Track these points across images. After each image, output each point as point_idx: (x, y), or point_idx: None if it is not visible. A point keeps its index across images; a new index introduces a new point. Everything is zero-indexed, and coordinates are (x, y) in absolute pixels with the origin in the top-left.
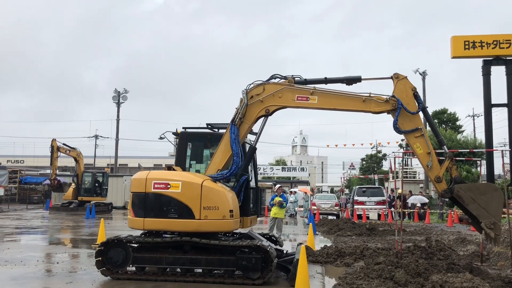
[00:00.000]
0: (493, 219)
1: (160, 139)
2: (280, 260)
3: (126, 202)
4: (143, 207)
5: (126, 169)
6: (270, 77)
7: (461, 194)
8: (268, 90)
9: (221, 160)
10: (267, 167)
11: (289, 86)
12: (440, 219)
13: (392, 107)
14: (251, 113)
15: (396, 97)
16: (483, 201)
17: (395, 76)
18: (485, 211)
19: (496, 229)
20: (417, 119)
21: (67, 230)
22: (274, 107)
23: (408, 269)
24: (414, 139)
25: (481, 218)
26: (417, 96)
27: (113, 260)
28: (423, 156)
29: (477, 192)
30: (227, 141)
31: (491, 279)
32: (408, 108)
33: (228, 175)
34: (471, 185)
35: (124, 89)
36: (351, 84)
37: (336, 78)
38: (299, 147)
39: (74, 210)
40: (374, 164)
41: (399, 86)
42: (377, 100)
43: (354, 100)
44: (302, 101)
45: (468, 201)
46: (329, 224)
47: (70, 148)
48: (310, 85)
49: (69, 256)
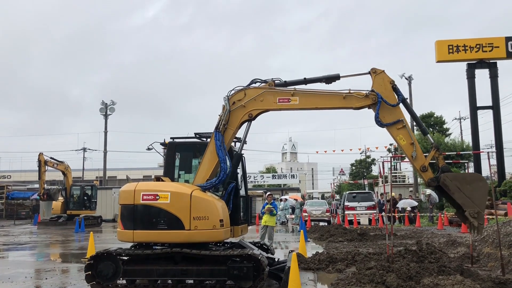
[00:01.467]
0: (477, 209)
1: (148, 149)
2: (272, 268)
3: (116, 214)
4: (132, 219)
5: (115, 181)
6: (251, 82)
7: (447, 182)
8: (250, 95)
9: (208, 169)
10: (257, 175)
11: (270, 89)
12: (430, 222)
13: (372, 102)
14: (234, 119)
15: (375, 91)
16: (469, 190)
17: (373, 71)
18: (470, 200)
19: (479, 218)
20: (398, 111)
21: (56, 245)
22: (256, 111)
23: (399, 273)
24: (396, 131)
25: (465, 207)
26: (396, 89)
27: (103, 273)
28: (407, 147)
29: (463, 181)
30: (213, 149)
31: (481, 281)
32: (388, 101)
33: (217, 182)
34: (457, 174)
35: (111, 100)
36: (330, 82)
37: (315, 78)
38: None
39: (63, 224)
40: (363, 169)
41: (377, 80)
42: (357, 96)
43: (335, 98)
44: (284, 103)
45: (454, 190)
46: (321, 231)
47: (58, 162)
48: (290, 87)
49: (59, 271)
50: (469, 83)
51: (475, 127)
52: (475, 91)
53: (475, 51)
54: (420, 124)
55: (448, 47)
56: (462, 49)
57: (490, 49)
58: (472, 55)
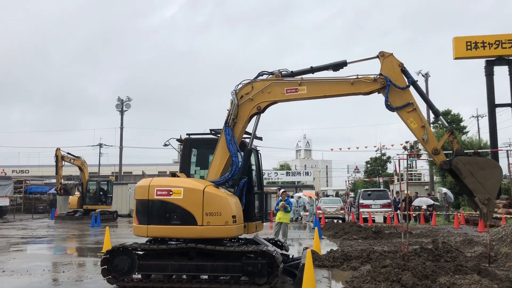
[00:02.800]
0: (488, 195)
1: (165, 146)
2: (286, 265)
3: (131, 210)
4: (146, 214)
5: (130, 177)
6: (258, 75)
7: (460, 166)
8: (257, 88)
9: (220, 164)
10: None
11: (277, 80)
12: (446, 220)
13: (381, 85)
14: (243, 113)
15: (383, 74)
16: (481, 176)
17: (381, 54)
18: (481, 186)
19: (489, 205)
20: (408, 94)
21: (72, 239)
22: (265, 103)
23: (415, 272)
24: (406, 114)
25: (476, 193)
26: (405, 72)
27: (118, 268)
28: (418, 130)
29: (476, 166)
30: (224, 144)
31: (499, 281)
32: (397, 84)
33: (230, 176)
34: (471, 158)
35: (127, 97)
36: (338, 69)
37: (322, 66)
38: (303, 151)
39: (79, 219)
40: (378, 167)
41: (386, 64)
42: (365, 80)
43: (343, 84)
44: (291, 93)
45: (466, 174)
46: (335, 228)
47: (75, 157)
48: (297, 77)
49: (75, 265)
50: (487, 80)
51: (493, 124)
52: (493, 88)
53: (494, 48)
54: (432, 106)
55: (466, 43)
56: (481, 45)
57: (510, 45)
58: (491, 51)
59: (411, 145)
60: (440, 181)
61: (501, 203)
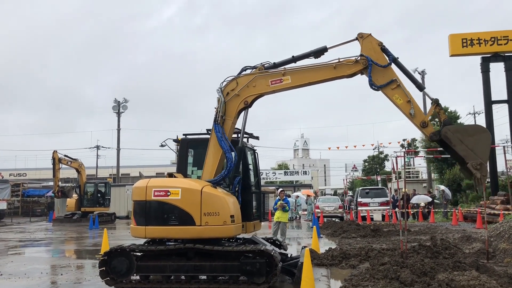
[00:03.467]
0: (480, 160)
1: (161, 146)
2: (284, 264)
3: (129, 211)
4: (144, 215)
5: (128, 179)
6: (241, 70)
7: (449, 135)
8: (242, 83)
9: (213, 163)
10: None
11: (261, 73)
12: (444, 217)
13: (363, 66)
14: (231, 109)
15: (364, 55)
16: (471, 142)
17: (360, 35)
18: (472, 152)
19: (482, 170)
20: (390, 71)
21: (70, 241)
22: (251, 97)
23: (413, 269)
24: (391, 91)
25: (467, 159)
26: (385, 50)
27: (117, 269)
28: (404, 106)
29: (465, 133)
30: (215, 142)
31: (497, 276)
32: (378, 63)
33: (227, 173)
34: (459, 126)
35: (124, 98)
36: (319, 56)
37: (303, 54)
38: (301, 150)
39: (77, 221)
40: (376, 165)
41: (365, 44)
42: (347, 63)
43: (325, 69)
44: (276, 84)
45: (456, 142)
46: (334, 227)
47: (72, 159)
48: (280, 67)
49: (73, 267)
50: (483, 77)
51: (490, 121)
52: (489, 85)
53: (489, 44)
54: (415, 80)
55: (462, 40)
56: (476, 42)
57: (505, 42)
58: (486, 48)
59: (409, 142)
60: (438, 179)
61: (499, 200)
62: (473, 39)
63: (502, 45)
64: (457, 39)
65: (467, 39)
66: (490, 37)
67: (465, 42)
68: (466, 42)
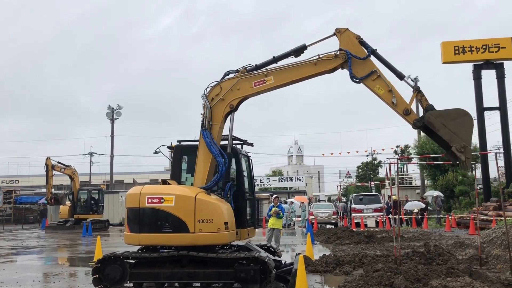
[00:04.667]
0: (463, 143)
1: (155, 153)
2: (278, 271)
3: (123, 218)
4: (138, 223)
5: (122, 185)
6: (224, 75)
7: (432, 120)
8: (225, 87)
9: (204, 169)
10: (263, 178)
11: (244, 76)
12: (438, 224)
13: (343, 60)
14: (217, 114)
15: (343, 49)
16: (454, 126)
17: (337, 31)
18: (455, 135)
19: (466, 152)
20: (370, 63)
21: (63, 248)
22: (236, 100)
23: (407, 275)
24: (372, 82)
25: (451, 143)
26: (363, 43)
27: (110, 277)
28: (385, 95)
29: (448, 117)
30: (204, 148)
31: (490, 282)
32: (358, 55)
33: (219, 177)
34: (442, 111)
35: (117, 105)
36: (299, 54)
37: (283, 54)
38: (295, 157)
39: (70, 229)
40: (370, 172)
41: (343, 39)
42: (327, 58)
43: (307, 66)
44: (260, 85)
45: (439, 127)
46: (328, 233)
47: (65, 166)
48: (263, 69)
49: (66, 275)
50: (475, 84)
51: (482, 128)
52: (481, 92)
53: (481, 52)
54: (395, 70)
55: (454, 48)
56: (468, 50)
57: (496, 49)
58: (478, 56)
59: (402, 149)
60: (431, 185)
61: (492, 206)
62: (465, 46)
63: (494, 52)
64: (450, 46)
65: (459, 46)
66: (482, 44)
67: (457, 49)
68: (458, 50)
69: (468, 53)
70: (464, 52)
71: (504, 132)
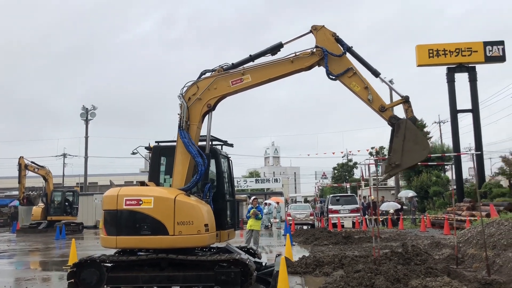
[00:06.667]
0: (399, 162)
1: (133, 154)
2: (259, 273)
3: (97, 221)
4: (115, 225)
5: (96, 187)
6: (200, 74)
7: (401, 126)
8: (202, 87)
9: (183, 170)
10: (240, 179)
11: (220, 75)
12: (413, 224)
13: (319, 57)
14: (194, 113)
15: (319, 46)
16: (408, 146)
17: (313, 28)
18: (401, 152)
19: (393, 169)
20: (345, 60)
21: (36, 252)
22: (214, 100)
23: (387, 276)
24: (348, 79)
25: (393, 154)
26: (339, 40)
27: (86, 281)
28: (361, 92)
29: (413, 136)
30: (182, 149)
31: (468, 281)
32: (334, 53)
33: (199, 177)
34: (415, 129)
35: (92, 105)
36: (276, 53)
37: (260, 52)
38: (272, 158)
39: (43, 232)
40: (345, 173)
41: (319, 36)
42: (304, 56)
43: (283, 64)
44: (237, 84)
45: (399, 135)
46: (305, 234)
47: (39, 166)
48: (239, 67)
49: (39, 280)
50: (449, 86)
51: (456, 130)
52: (455, 94)
53: (454, 55)
54: (370, 67)
55: (429, 51)
56: (442, 53)
57: (469, 53)
58: (451, 59)
59: (377, 150)
60: (406, 186)
61: (465, 206)
62: (439, 50)
63: (466, 56)
64: (424, 49)
65: (433, 50)
66: (455, 48)
67: (431, 52)
68: (432, 53)
69: (442, 56)
70: (438, 56)
71: (476, 133)
